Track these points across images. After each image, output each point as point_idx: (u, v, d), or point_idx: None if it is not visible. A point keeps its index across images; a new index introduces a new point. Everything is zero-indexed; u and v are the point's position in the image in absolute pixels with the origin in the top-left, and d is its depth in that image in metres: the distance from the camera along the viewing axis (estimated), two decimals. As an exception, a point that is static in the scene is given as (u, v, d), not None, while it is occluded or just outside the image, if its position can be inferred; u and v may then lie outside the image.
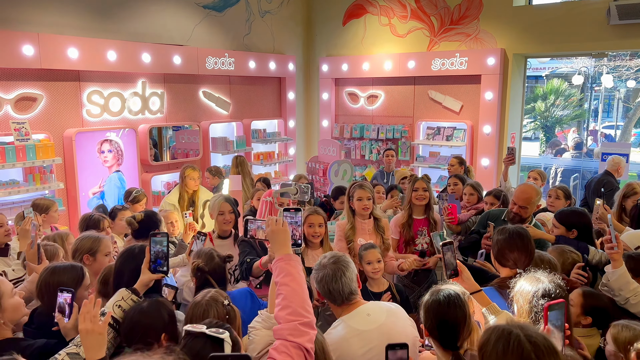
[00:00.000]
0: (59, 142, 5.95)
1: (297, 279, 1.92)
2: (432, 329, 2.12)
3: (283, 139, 8.73)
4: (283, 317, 1.84)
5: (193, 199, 5.41)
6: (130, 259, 2.49)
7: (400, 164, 8.44)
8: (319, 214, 3.75)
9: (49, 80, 5.87)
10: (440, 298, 2.11)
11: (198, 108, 7.61)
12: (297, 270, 1.95)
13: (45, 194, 5.74)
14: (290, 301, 1.85)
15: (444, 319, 2.07)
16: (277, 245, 2.05)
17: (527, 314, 2.24)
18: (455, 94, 8.03)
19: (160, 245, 2.33)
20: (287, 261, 1.96)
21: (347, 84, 9.17)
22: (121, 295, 2.20)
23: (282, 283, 1.90)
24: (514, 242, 2.76)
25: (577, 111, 20.89)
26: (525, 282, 2.31)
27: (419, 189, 4.13)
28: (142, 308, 2.13)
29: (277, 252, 2.03)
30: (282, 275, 1.92)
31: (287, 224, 2.12)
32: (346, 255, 2.47)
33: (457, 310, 2.09)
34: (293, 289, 1.88)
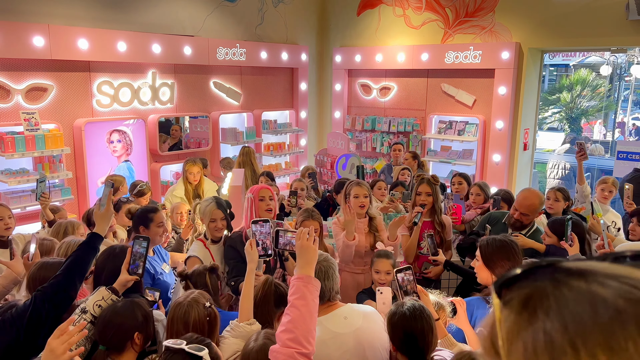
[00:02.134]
0: (68, 131, 6.06)
1: (310, 306, 1.88)
2: (400, 343, 2.12)
3: (294, 130, 8.73)
4: (283, 341, 1.81)
5: (198, 192, 5.47)
6: (110, 258, 2.55)
7: (411, 158, 8.36)
8: (315, 219, 3.71)
9: (59, 71, 5.97)
10: (404, 311, 2.10)
11: (208, 98, 7.65)
12: (313, 297, 1.92)
13: (55, 183, 5.88)
14: (296, 327, 1.82)
15: (410, 332, 2.07)
16: (302, 261, 2.01)
17: None
18: (468, 87, 7.89)
19: (140, 247, 2.39)
20: (306, 284, 1.92)
21: (360, 75, 9.09)
22: (101, 295, 2.26)
23: (293, 305, 1.87)
24: (508, 250, 2.72)
25: (604, 102, 20.32)
26: None
27: (422, 193, 4.06)
28: (116, 308, 2.19)
29: (299, 269, 2.00)
30: (297, 296, 1.89)
31: (317, 242, 2.08)
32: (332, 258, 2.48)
33: (423, 322, 2.08)
34: (302, 314, 1.85)
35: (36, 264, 2.65)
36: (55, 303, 2.28)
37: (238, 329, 2.29)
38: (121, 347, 2.13)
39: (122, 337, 2.13)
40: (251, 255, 2.54)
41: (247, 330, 2.28)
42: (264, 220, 2.62)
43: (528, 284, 0.57)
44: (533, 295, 0.56)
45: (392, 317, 2.12)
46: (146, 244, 2.49)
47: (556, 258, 0.57)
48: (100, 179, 6.38)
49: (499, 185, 7.30)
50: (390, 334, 2.14)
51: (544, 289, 0.55)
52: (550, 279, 0.56)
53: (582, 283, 0.54)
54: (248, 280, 2.46)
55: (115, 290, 2.35)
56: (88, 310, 2.22)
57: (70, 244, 3.01)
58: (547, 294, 0.55)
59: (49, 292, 2.28)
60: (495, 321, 0.58)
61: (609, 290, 0.52)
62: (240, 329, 2.29)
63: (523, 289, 0.57)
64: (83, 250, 2.42)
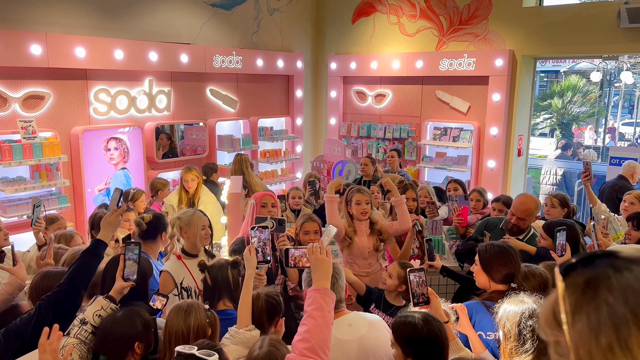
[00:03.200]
0: (65, 139, 6.06)
1: (326, 317, 1.92)
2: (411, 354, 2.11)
3: (290, 137, 8.76)
4: (299, 350, 1.84)
5: (193, 200, 5.47)
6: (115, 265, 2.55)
7: (407, 164, 8.42)
8: (314, 221, 3.79)
9: (56, 79, 5.97)
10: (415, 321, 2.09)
11: (205, 106, 7.67)
12: (329, 308, 1.96)
13: (52, 191, 5.87)
14: (312, 336, 1.85)
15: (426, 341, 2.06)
16: (318, 274, 2.04)
17: (515, 337, 2.22)
18: (462, 94, 7.97)
19: (132, 253, 2.39)
20: (323, 296, 1.96)
21: (356, 82, 9.15)
22: (100, 305, 2.26)
23: (310, 315, 1.91)
24: (508, 256, 2.74)
25: (595, 108, 20.54)
26: (509, 305, 2.29)
27: (409, 199, 4.13)
28: (116, 317, 2.19)
29: (315, 282, 2.03)
30: (314, 307, 1.93)
31: (330, 254, 2.11)
32: (339, 265, 2.50)
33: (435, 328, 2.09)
34: (319, 325, 1.88)
35: (39, 273, 2.65)
36: (59, 312, 2.28)
37: (237, 336, 2.29)
38: (122, 357, 2.14)
39: (122, 347, 2.13)
40: (250, 262, 2.53)
41: (246, 337, 2.28)
42: (263, 226, 2.63)
43: (589, 270, 0.68)
44: (595, 277, 0.67)
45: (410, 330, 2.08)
46: (138, 249, 2.49)
47: (614, 249, 0.67)
48: (98, 187, 6.37)
49: (494, 191, 7.37)
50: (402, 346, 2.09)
51: (606, 272, 0.66)
52: (610, 265, 0.67)
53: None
54: (247, 286, 2.45)
55: (113, 298, 2.34)
56: (88, 321, 2.21)
57: (76, 253, 3.01)
58: (609, 276, 0.65)
59: (53, 301, 2.29)
60: (559, 297, 0.69)
61: None
62: (239, 335, 2.29)
63: (585, 273, 0.68)
64: (86, 258, 2.42)
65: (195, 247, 3.42)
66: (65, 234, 3.94)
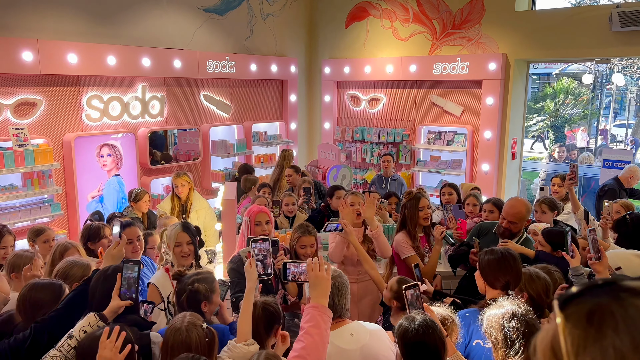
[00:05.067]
0: (58, 146, 6.01)
1: (323, 334, 1.93)
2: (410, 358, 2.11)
3: (284, 142, 8.74)
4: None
5: (185, 207, 5.44)
6: (102, 280, 2.50)
7: (401, 168, 8.43)
8: (311, 234, 3.73)
9: (48, 86, 5.93)
10: (416, 327, 2.09)
11: (198, 111, 7.65)
12: (327, 326, 1.97)
13: (44, 199, 5.82)
14: (309, 353, 1.86)
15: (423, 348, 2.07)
16: (316, 291, 2.05)
17: (502, 343, 2.23)
18: (456, 98, 7.99)
19: (131, 271, 2.35)
20: (321, 313, 1.97)
21: (349, 86, 9.15)
22: (88, 321, 2.22)
23: (308, 332, 1.92)
24: (507, 264, 2.74)
25: (587, 110, 20.68)
26: (490, 312, 2.30)
27: (425, 207, 4.08)
28: (96, 336, 2.07)
29: (314, 299, 2.03)
30: (311, 324, 1.93)
31: (329, 271, 2.11)
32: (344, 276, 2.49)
33: (435, 337, 2.08)
34: (315, 342, 1.89)
35: (26, 285, 2.60)
36: (54, 336, 2.26)
37: (235, 350, 2.25)
38: None
39: None
40: (250, 274, 2.51)
41: (244, 351, 2.25)
42: (263, 238, 2.61)
43: (588, 300, 0.64)
44: (596, 311, 0.63)
45: (405, 332, 2.10)
46: (137, 268, 2.44)
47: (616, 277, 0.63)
48: (91, 194, 6.32)
49: (489, 194, 7.38)
50: (401, 349, 2.13)
51: (608, 306, 0.62)
52: (612, 297, 0.62)
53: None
54: (247, 300, 2.41)
55: (105, 317, 2.29)
56: (74, 336, 2.17)
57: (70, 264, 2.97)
58: (612, 311, 0.61)
59: (49, 325, 2.27)
60: (559, 332, 0.65)
61: None
62: (237, 349, 2.25)
63: (585, 304, 0.64)
64: (85, 287, 2.41)
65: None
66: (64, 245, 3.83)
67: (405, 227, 4.10)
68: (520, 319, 2.20)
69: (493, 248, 2.88)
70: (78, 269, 2.99)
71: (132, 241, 3.62)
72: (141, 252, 3.77)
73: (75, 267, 2.99)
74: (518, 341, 2.17)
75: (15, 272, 3.22)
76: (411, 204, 4.08)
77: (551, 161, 11.43)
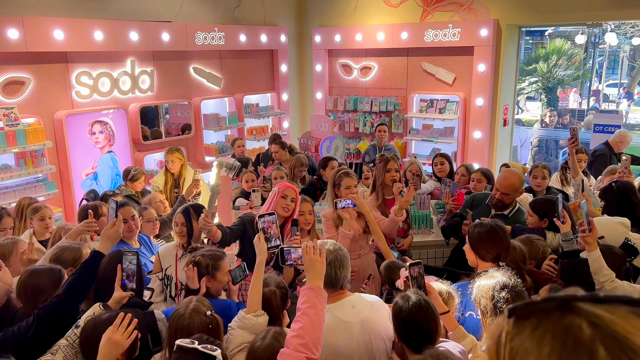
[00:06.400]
0: (49, 125, 5.97)
1: (319, 315, 2.00)
2: (404, 336, 2.19)
3: (276, 113, 8.71)
4: (294, 345, 1.90)
5: (178, 182, 5.48)
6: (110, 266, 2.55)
7: (394, 137, 8.45)
8: (307, 201, 3.86)
9: (36, 63, 5.85)
10: (410, 307, 2.15)
11: (189, 85, 7.58)
12: (322, 307, 2.04)
13: (38, 178, 5.82)
14: (306, 333, 1.92)
15: (414, 325, 2.13)
16: (311, 274, 2.12)
17: (491, 312, 2.31)
18: (448, 65, 7.95)
19: (130, 263, 2.40)
20: (317, 294, 2.04)
21: (341, 55, 9.07)
22: (93, 311, 2.28)
23: (305, 313, 1.98)
24: (496, 236, 2.80)
25: (580, 71, 20.58)
26: (480, 282, 2.38)
27: (392, 169, 4.21)
28: (99, 321, 2.13)
29: (309, 281, 2.11)
30: (308, 305, 2.00)
31: (324, 255, 2.17)
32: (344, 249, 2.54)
33: (427, 315, 2.14)
34: (312, 322, 1.96)
35: (26, 271, 2.63)
36: (56, 322, 2.30)
37: (245, 320, 2.34)
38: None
39: None
40: (260, 248, 2.60)
41: (252, 323, 2.33)
42: (269, 213, 2.69)
43: (535, 315, 0.66)
44: (537, 328, 0.64)
45: (399, 311, 2.17)
46: (135, 259, 2.49)
47: (570, 295, 0.66)
48: (85, 171, 6.33)
49: (481, 162, 7.45)
50: (395, 326, 2.21)
51: (550, 325, 0.63)
52: (559, 316, 0.64)
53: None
54: (257, 273, 2.50)
55: (108, 307, 2.34)
56: (80, 325, 2.23)
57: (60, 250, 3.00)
58: (552, 332, 0.63)
59: (51, 311, 2.30)
60: (503, 338, 0.67)
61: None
62: (247, 320, 2.34)
63: (530, 320, 0.66)
64: (85, 269, 2.44)
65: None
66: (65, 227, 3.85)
67: (375, 189, 4.33)
68: (511, 290, 2.28)
69: (482, 221, 2.95)
70: (69, 254, 3.00)
71: (127, 221, 3.65)
72: (137, 231, 3.81)
73: (66, 251, 3.01)
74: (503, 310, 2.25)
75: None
76: (380, 166, 4.28)
77: (543, 126, 11.44)
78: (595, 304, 0.63)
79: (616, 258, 2.98)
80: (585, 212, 2.91)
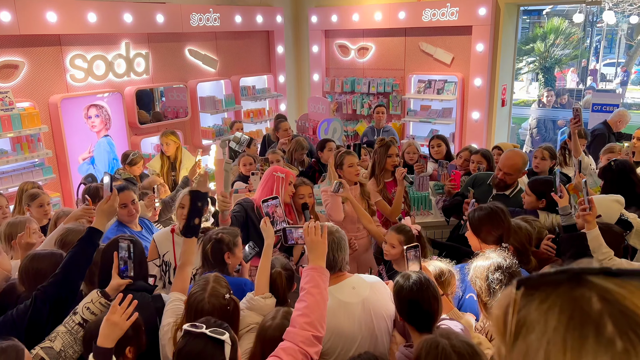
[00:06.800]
0: (44, 109, 5.92)
1: (323, 294, 2.04)
2: (407, 314, 2.20)
3: (273, 95, 8.65)
4: (300, 324, 1.94)
5: (174, 165, 5.46)
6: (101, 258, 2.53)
7: (392, 119, 8.41)
8: (307, 184, 3.85)
9: (29, 46, 5.77)
10: (411, 285, 2.16)
11: (184, 67, 7.50)
12: (325, 286, 2.08)
13: (35, 163, 5.79)
14: (312, 312, 1.96)
15: (416, 303, 2.13)
16: (313, 254, 2.15)
17: (485, 292, 2.33)
18: (446, 45, 7.88)
19: (126, 251, 2.39)
20: (320, 274, 2.08)
21: (337, 35, 8.97)
22: (91, 298, 2.26)
23: (309, 292, 2.02)
24: (497, 218, 2.81)
25: (577, 50, 20.47)
26: (477, 263, 2.40)
27: (393, 155, 4.21)
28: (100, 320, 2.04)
29: (312, 261, 2.14)
30: (311, 285, 2.04)
31: (325, 235, 2.19)
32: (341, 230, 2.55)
33: (428, 293, 2.15)
34: (317, 301, 2.00)
35: (27, 256, 2.62)
36: (56, 302, 2.29)
37: (253, 302, 2.39)
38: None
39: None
40: (267, 232, 2.66)
41: (261, 304, 2.37)
42: (272, 197, 2.69)
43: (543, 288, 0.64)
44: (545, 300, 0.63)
45: (400, 290, 2.19)
46: (132, 245, 2.46)
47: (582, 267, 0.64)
48: (82, 156, 6.29)
49: (479, 142, 7.43)
50: (397, 305, 2.22)
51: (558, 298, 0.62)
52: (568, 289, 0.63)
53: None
54: (265, 256, 2.55)
55: (107, 294, 2.32)
56: (78, 312, 2.22)
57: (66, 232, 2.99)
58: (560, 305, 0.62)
59: (49, 292, 2.28)
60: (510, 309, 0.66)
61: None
62: (255, 302, 2.38)
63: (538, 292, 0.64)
64: (81, 247, 2.40)
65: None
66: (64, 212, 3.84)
67: (374, 173, 4.33)
68: (505, 271, 2.29)
69: (481, 206, 2.95)
70: (75, 235, 2.93)
71: (126, 205, 3.63)
72: (137, 215, 3.80)
73: (72, 233, 2.99)
74: (500, 292, 2.27)
75: (15, 240, 3.24)
76: (381, 151, 4.27)
77: (540, 107, 11.40)
78: (607, 278, 0.62)
79: (615, 236, 3.00)
80: (586, 191, 2.91)
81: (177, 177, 5.42)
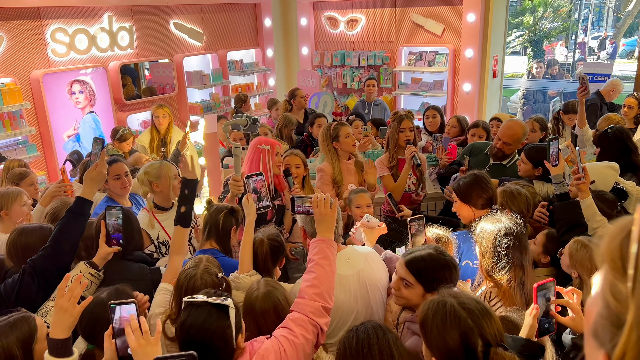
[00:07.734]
0: (26, 85, 5.74)
1: (332, 265, 2.03)
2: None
3: (262, 70, 8.49)
4: (309, 295, 1.91)
5: (165, 140, 5.33)
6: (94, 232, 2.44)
7: (383, 92, 8.31)
8: (296, 155, 3.75)
9: (7, 20, 5.56)
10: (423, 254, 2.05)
11: (170, 41, 7.31)
12: (334, 258, 2.07)
13: (18, 140, 5.63)
14: (321, 282, 1.94)
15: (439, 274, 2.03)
16: (322, 226, 2.12)
17: (490, 254, 2.29)
18: (437, 16, 7.75)
19: (115, 218, 2.31)
20: (328, 245, 2.06)
21: (326, 7, 8.79)
22: (79, 269, 2.19)
23: (318, 263, 2.00)
24: (483, 181, 2.84)
25: (566, 23, 20.38)
26: (486, 224, 2.35)
27: (406, 129, 3.99)
28: (101, 301, 1.93)
29: (320, 233, 2.11)
30: (320, 256, 2.03)
31: (334, 207, 2.14)
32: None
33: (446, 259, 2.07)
34: (326, 272, 1.98)
35: (15, 229, 2.55)
36: (45, 277, 2.20)
37: (238, 280, 2.31)
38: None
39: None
40: (249, 209, 2.59)
41: (246, 282, 2.30)
42: (257, 173, 2.62)
43: None
44: None
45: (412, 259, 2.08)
46: (120, 213, 2.39)
47: None
48: (67, 133, 6.13)
49: (470, 115, 7.37)
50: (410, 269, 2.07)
51: None
52: None
53: None
54: (247, 233, 2.48)
55: (95, 264, 2.25)
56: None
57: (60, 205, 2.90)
58: None
59: (38, 266, 2.20)
60: (633, 240, 0.56)
61: None
62: (240, 280, 2.31)
63: None
64: (70, 218, 2.32)
65: (168, 199, 3.34)
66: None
67: (388, 148, 4.11)
68: (514, 236, 2.25)
69: (463, 176, 2.95)
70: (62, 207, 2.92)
71: (119, 177, 3.54)
72: (130, 187, 3.71)
73: (64, 207, 2.88)
74: (506, 257, 2.24)
75: (4, 210, 3.13)
76: (394, 125, 4.03)
77: (530, 78, 11.35)
78: None
79: (608, 203, 3.00)
80: (579, 159, 2.88)
81: (168, 152, 5.29)
